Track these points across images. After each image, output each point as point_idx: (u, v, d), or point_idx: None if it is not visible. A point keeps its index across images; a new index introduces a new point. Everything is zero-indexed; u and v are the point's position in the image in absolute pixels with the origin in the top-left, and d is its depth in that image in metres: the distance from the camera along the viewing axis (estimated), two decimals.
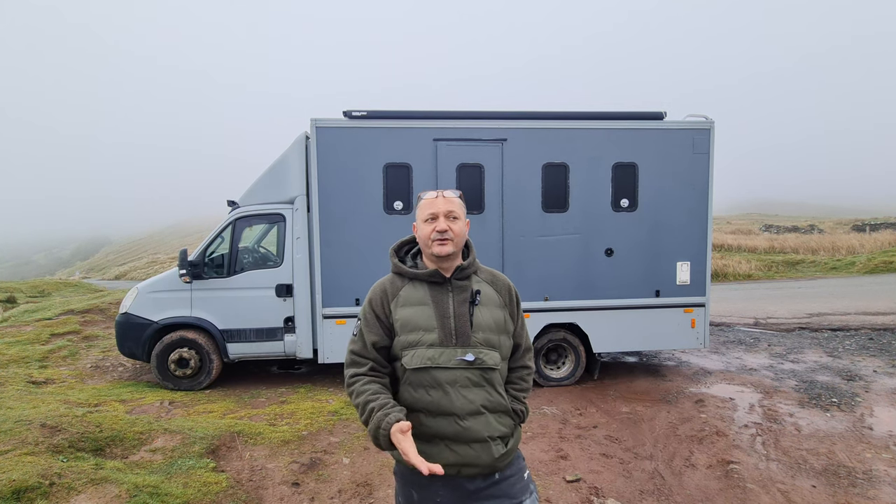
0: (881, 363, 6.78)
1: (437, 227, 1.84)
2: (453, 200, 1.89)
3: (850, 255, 18.80)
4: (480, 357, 1.83)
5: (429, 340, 1.82)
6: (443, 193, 1.90)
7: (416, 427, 1.80)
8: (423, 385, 1.82)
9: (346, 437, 4.61)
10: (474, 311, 1.87)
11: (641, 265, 6.17)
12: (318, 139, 5.81)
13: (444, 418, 1.81)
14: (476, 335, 1.85)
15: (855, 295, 11.76)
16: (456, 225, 1.86)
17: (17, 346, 7.41)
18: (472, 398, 1.82)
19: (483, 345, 1.85)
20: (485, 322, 1.87)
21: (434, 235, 1.84)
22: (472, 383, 1.83)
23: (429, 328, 1.83)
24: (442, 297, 1.88)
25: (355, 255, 5.87)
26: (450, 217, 1.86)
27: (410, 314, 1.85)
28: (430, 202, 1.88)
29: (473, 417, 1.81)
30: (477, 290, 1.90)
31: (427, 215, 1.87)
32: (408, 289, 1.90)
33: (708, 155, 6.16)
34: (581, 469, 4.13)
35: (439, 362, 1.81)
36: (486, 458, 1.82)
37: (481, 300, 1.89)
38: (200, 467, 3.78)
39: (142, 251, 67.98)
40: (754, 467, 4.14)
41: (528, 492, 1.93)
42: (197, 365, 6.16)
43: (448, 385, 1.81)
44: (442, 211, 1.86)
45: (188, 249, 6.28)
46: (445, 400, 1.80)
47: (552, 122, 6.08)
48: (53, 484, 3.30)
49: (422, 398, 1.82)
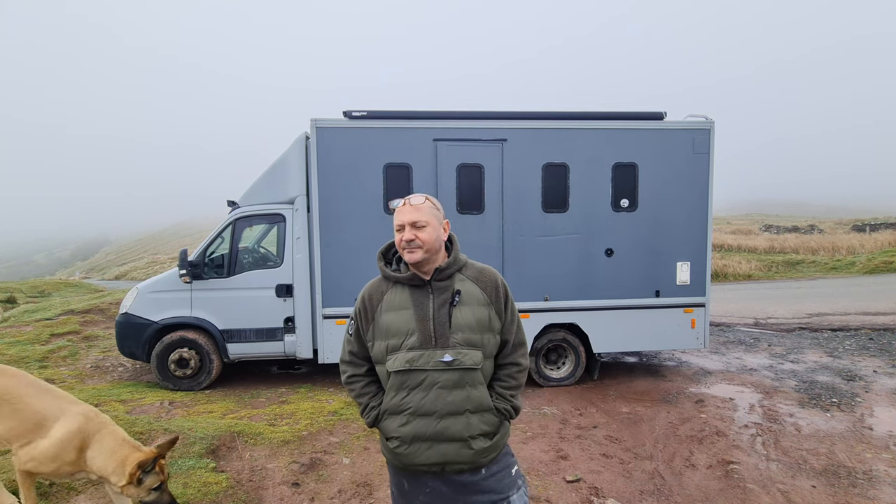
0: (881, 363, 6.78)
1: (403, 237, 1.88)
2: (420, 208, 1.89)
3: (850, 255, 18.80)
4: (459, 358, 1.87)
5: (409, 344, 1.87)
6: (409, 201, 1.91)
7: (400, 428, 1.88)
8: (404, 387, 1.88)
9: (346, 437, 4.61)
10: (453, 311, 1.90)
11: (641, 265, 6.17)
12: (318, 139, 5.82)
13: (424, 419, 1.86)
14: (455, 336, 1.88)
15: (855, 295, 11.76)
16: (423, 233, 1.87)
17: (17, 346, 7.40)
18: (452, 399, 1.86)
19: (463, 345, 1.88)
20: (465, 322, 1.90)
21: (403, 244, 1.88)
22: (453, 384, 1.87)
23: (409, 332, 1.88)
24: (422, 299, 1.91)
25: (355, 255, 5.87)
26: (416, 226, 1.87)
27: (392, 319, 1.91)
28: (399, 211, 1.91)
29: (453, 417, 1.86)
30: (457, 290, 1.93)
31: (396, 224, 1.91)
32: (391, 293, 1.95)
33: (708, 155, 6.16)
34: (581, 469, 4.13)
35: (418, 364, 1.85)
36: (468, 456, 1.87)
37: (462, 300, 1.91)
38: (200, 467, 3.78)
39: (142, 251, 67.99)
40: (754, 467, 4.14)
41: (516, 487, 1.97)
42: (197, 365, 6.16)
43: (428, 386, 1.86)
44: (407, 221, 1.88)
45: (188, 249, 6.28)
46: (426, 401, 1.85)
47: (552, 122, 6.08)
48: (53, 484, 3.30)
49: (404, 400, 1.88)
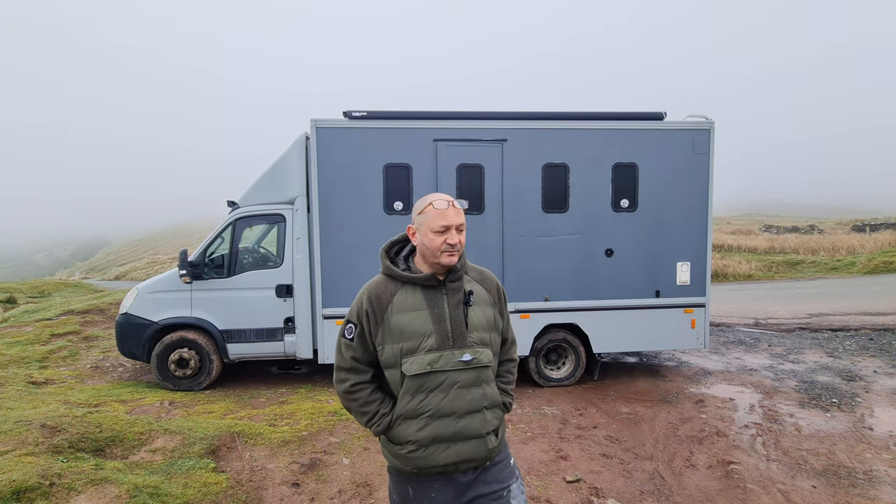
0: (881, 363, 6.78)
1: (448, 240, 1.85)
2: (461, 212, 1.92)
3: (850, 255, 18.79)
4: (477, 357, 1.88)
5: (427, 346, 1.85)
6: (453, 204, 1.90)
7: (417, 432, 1.84)
8: (422, 390, 1.85)
9: (346, 437, 4.61)
10: (469, 311, 1.90)
11: (641, 265, 6.17)
12: (319, 139, 5.81)
13: (443, 420, 1.84)
14: (472, 335, 1.89)
15: (855, 295, 11.75)
16: (462, 236, 1.90)
17: (17, 346, 7.41)
18: (471, 397, 1.87)
19: (478, 344, 1.90)
20: (478, 321, 1.92)
21: (445, 247, 1.86)
22: (471, 383, 1.88)
23: (426, 333, 1.86)
24: (437, 300, 1.90)
25: (355, 255, 5.87)
26: (461, 230, 1.89)
27: (406, 320, 1.87)
28: (443, 213, 1.86)
29: (471, 416, 1.87)
30: (470, 290, 1.94)
31: (440, 226, 1.85)
32: (401, 294, 1.91)
33: (708, 155, 6.16)
34: (581, 469, 4.12)
35: (438, 366, 1.84)
36: (483, 453, 1.89)
37: (474, 300, 1.93)
38: (200, 468, 3.78)
39: (142, 251, 67.95)
40: (754, 467, 4.14)
41: (515, 476, 2.00)
42: (197, 365, 6.16)
43: (447, 387, 1.85)
44: (454, 224, 1.87)
45: (188, 250, 6.28)
46: (446, 402, 1.84)
47: (552, 122, 6.08)
48: (53, 484, 3.30)
49: (423, 403, 1.85)
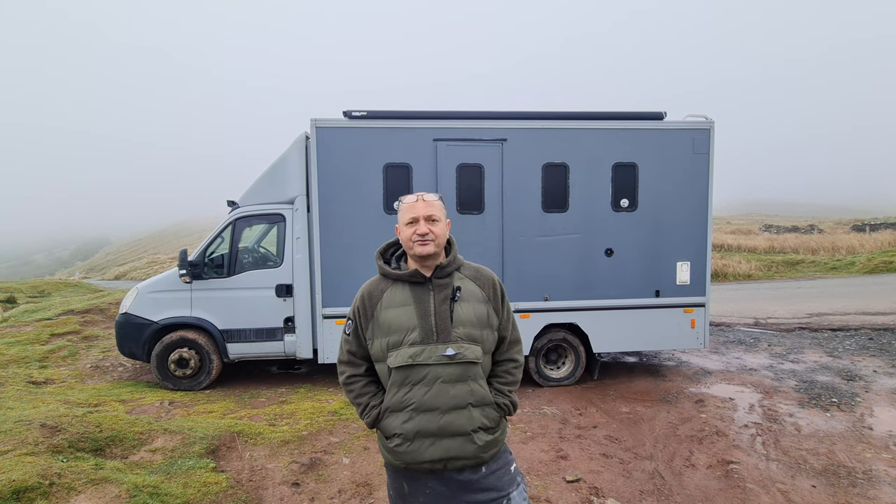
0: (881, 363, 6.78)
1: (417, 231, 1.91)
2: (433, 203, 1.96)
3: (850, 255, 18.79)
4: (461, 352, 1.90)
5: (411, 339, 1.89)
6: (423, 197, 1.97)
7: (403, 425, 1.89)
8: (406, 383, 1.89)
9: (346, 437, 4.61)
10: (454, 306, 1.94)
11: (641, 265, 6.17)
12: (318, 139, 5.81)
13: (427, 414, 1.87)
14: (457, 330, 1.91)
15: (855, 295, 11.76)
16: (436, 227, 1.93)
17: (17, 346, 7.40)
18: (455, 393, 1.89)
19: (464, 339, 1.92)
20: (466, 317, 1.94)
21: (415, 238, 1.91)
22: (455, 378, 1.89)
23: (410, 327, 1.90)
24: (423, 296, 1.94)
25: (355, 255, 5.86)
26: (430, 220, 1.93)
27: (393, 315, 1.93)
28: (411, 206, 1.95)
29: (456, 412, 1.88)
30: (457, 286, 1.97)
31: (409, 218, 1.93)
32: (391, 291, 1.98)
33: (708, 155, 6.15)
34: (581, 469, 4.13)
35: (421, 359, 1.88)
36: (471, 451, 1.89)
37: (462, 296, 1.96)
38: (200, 467, 3.78)
39: (142, 251, 67.96)
40: (754, 467, 4.14)
41: (516, 484, 2.00)
42: (197, 365, 6.16)
43: (431, 381, 1.88)
44: (422, 214, 1.92)
45: (188, 249, 6.28)
46: (429, 396, 1.87)
47: (552, 122, 6.08)
48: (53, 484, 3.30)
49: (407, 396, 1.89)
